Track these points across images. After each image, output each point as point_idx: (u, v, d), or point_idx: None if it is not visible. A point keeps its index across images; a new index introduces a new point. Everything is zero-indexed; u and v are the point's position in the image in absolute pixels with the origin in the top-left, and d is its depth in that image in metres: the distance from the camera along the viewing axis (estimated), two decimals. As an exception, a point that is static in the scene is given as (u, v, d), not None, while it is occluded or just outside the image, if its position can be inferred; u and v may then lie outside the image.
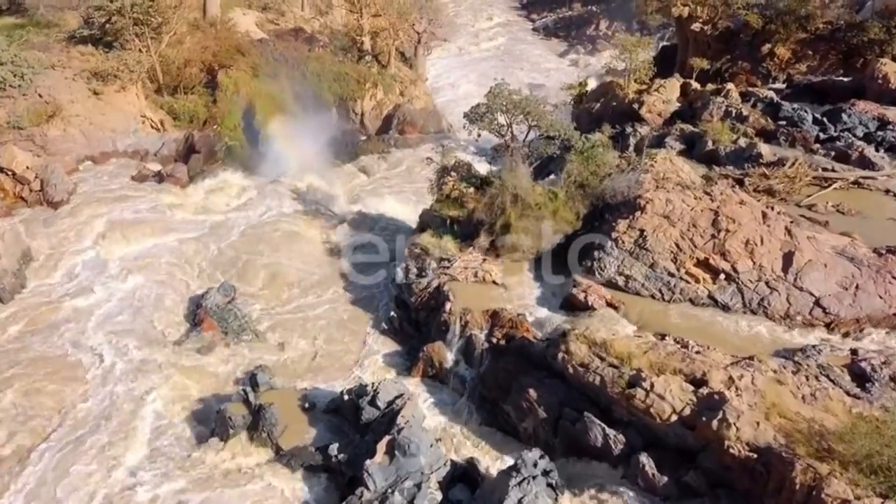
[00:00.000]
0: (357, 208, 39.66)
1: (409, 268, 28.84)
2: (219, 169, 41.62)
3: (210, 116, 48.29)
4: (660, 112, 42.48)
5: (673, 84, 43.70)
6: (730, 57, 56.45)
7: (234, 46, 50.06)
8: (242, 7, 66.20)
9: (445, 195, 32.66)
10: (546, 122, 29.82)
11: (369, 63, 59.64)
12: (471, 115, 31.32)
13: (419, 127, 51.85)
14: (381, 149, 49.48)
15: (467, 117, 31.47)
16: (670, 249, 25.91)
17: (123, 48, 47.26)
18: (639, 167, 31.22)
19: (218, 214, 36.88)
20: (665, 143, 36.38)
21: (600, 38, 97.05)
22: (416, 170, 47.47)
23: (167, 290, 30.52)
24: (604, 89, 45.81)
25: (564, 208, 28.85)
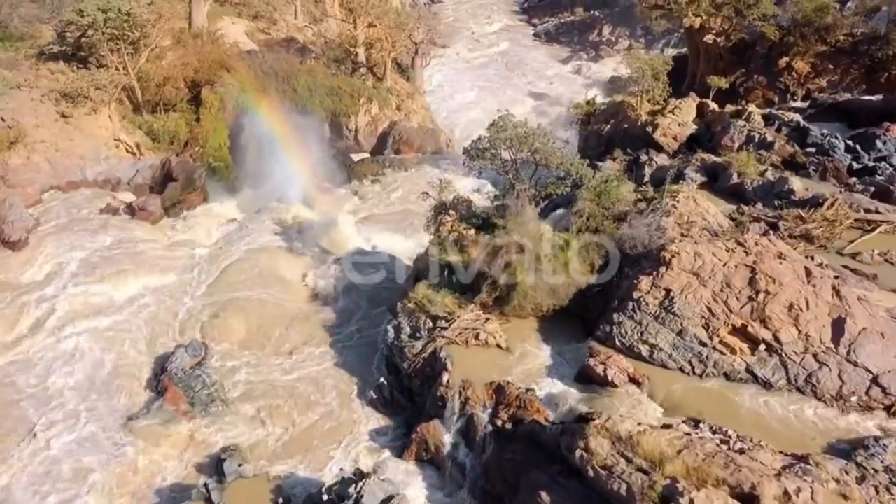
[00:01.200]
0: (348, 241, 35.85)
1: (400, 326, 25.09)
2: (198, 198, 37.72)
3: (192, 137, 44.53)
4: (675, 135, 38.71)
5: (689, 105, 39.90)
6: (744, 70, 52.73)
7: (218, 62, 46.10)
8: (232, 16, 62.33)
9: (443, 237, 28.88)
10: (555, 160, 26.00)
11: (364, 76, 55.88)
12: (471, 151, 27.56)
13: (416, 146, 48.07)
14: (375, 170, 45.70)
15: (467, 153, 27.71)
16: (701, 314, 22.14)
17: (100, 64, 43.47)
18: (659, 208, 27.44)
19: (194, 251, 33.05)
20: (685, 174, 32.55)
21: (603, 45, 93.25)
22: (411, 196, 43.67)
23: (130, 347, 26.80)
24: (614, 109, 41.98)
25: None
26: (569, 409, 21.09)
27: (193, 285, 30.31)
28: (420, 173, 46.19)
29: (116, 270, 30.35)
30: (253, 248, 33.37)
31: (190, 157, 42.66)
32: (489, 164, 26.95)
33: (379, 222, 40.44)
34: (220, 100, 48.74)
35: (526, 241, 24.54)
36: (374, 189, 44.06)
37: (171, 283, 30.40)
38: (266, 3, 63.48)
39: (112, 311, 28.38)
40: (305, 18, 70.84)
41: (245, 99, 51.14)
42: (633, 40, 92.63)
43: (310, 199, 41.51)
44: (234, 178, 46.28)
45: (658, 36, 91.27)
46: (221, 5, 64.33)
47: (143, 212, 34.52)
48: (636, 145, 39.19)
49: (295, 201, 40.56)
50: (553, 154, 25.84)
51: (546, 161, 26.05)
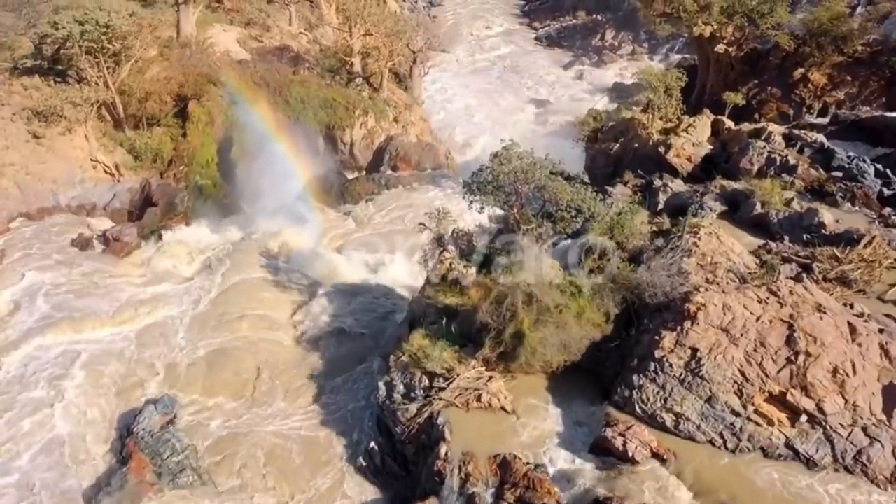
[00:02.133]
0: (340, 272, 33.01)
1: (393, 383, 22.26)
2: (179, 223, 34.81)
3: (177, 154, 41.65)
4: (689, 156, 35.82)
5: (703, 122, 37.01)
6: (757, 82, 49.81)
7: (205, 75, 43.20)
8: (223, 23, 59.37)
9: (441, 276, 26.04)
10: (565, 197, 23.13)
11: (360, 86, 52.99)
12: (472, 185, 24.64)
13: (414, 163, 45.22)
14: (370, 189, 42.84)
15: (467, 188, 24.76)
16: (733, 378, 19.33)
17: (79, 78, 40.59)
18: (678, 246, 24.62)
19: (171, 286, 30.13)
20: (703, 203, 29.67)
21: (606, 50, 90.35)
22: (408, 216, 40.91)
23: (93, 403, 23.93)
24: (623, 126, 39.09)
25: (591, 307, 22.23)
26: (584, 490, 18.30)
27: (167, 329, 27.44)
28: (418, 192, 43.39)
29: (82, 314, 27.44)
30: (235, 283, 30.45)
31: (174, 177, 39.80)
32: (491, 199, 24.05)
33: (374, 247, 37.60)
34: (209, 113, 45.94)
35: (534, 289, 21.67)
36: (368, 210, 41.25)
37: (143, 326, 27.50)
38: (259, 10, 60.50)
39: (75, 360, 25.49)
40: (301, 24, 67.93)
41: (235, 112, 48.37)
42: (636, 45, 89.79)
43: (301, 221, 38.60)
44: (223, 197, 43.51)
45: (662, 41, 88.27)
46: (213, 12, 61.52)
47: (117, 243, 31.62)
48: (647, 166, 36.31)
49: (284, 225, 37.67)
50: (562, 190, 22.94)
51: (555, 198, 23.14)
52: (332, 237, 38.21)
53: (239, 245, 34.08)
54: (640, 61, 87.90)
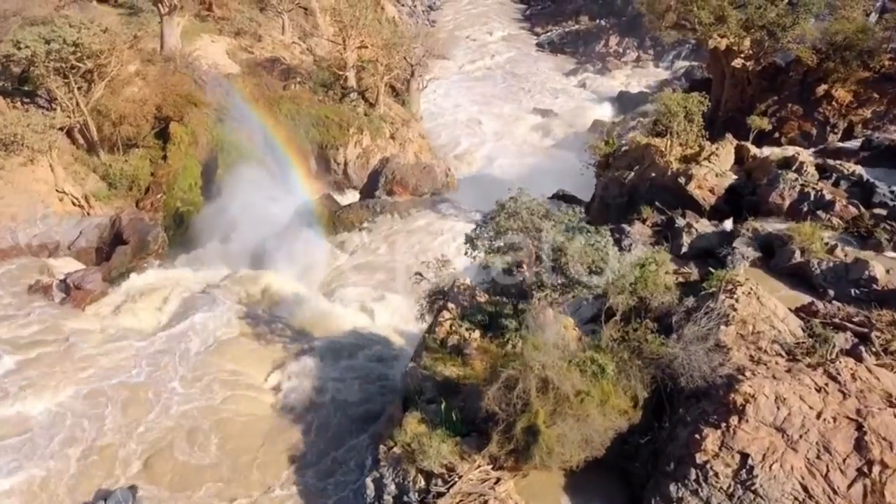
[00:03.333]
0: (328, 320, 29.38)
1: (383, 481, 18.65)
2: (152, 263, 31.11)
3: (156, 181, 37.98)
4: (712, 188, 32.22)
5: (727, 150, 33.38)
6: (777, 98, 46.09)
7: (185, 95, 39.50)
8: (212, 33, 55.56)
9: (440, 341, 22.43)
10: (586, 258, 19.48)
11: (354, 101, 49.31)
12: (474, 240, 20.95)
13: (411, 187, 41.53)
14: (363, 217, 39.16)
15: (470, 242, 21.06)
16: (794, 494, 15.72)
17: (50, 98, 36.95)
18: (713, 310, 20.98)
19: (135, 345, 26.38)
20: (734, 249, 26.03)
21: (610, 56, 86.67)
22: (405, 246, 37.29)
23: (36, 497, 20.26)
24: (638, 153, 35.42)
25: (616, 390, 18.60)
26: None
27: (128, 399, 23.74)
28: (416, 219, 39.74)
29: (28, 382, 23.71)
30: (209, 338, 26.77)
31: (151, 206, 36.21)
32: (498, 260, 20.39)
33: (368, 285, 33.95)
34: (192, 133, 42.37)
35: (549, 373, 18.02)
36: (362, 239, 37.64)
37: (102, 391, 23.79)
38: (249, 19, 56.67)
39: (18, 440, 21.83)
40: (295, 33, 64.14)
41: (221, 131, 44.72)
42: (641, 52, 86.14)
43: (288, 255, 34.98)
44: (206, 224, 39.86)
45: (668, 47, 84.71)
46: (202, 21, 57.72)
47: (79, 291, 27.91)
48: (666, 198, 32.72)
49: (268, 263, 34.07)
50: (583, 253, 19.26)
51: (574, 261, 19.46)
52: (321, 273, 34.45)
53: (216, 289, 30.37)
54: (646, 68, 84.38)
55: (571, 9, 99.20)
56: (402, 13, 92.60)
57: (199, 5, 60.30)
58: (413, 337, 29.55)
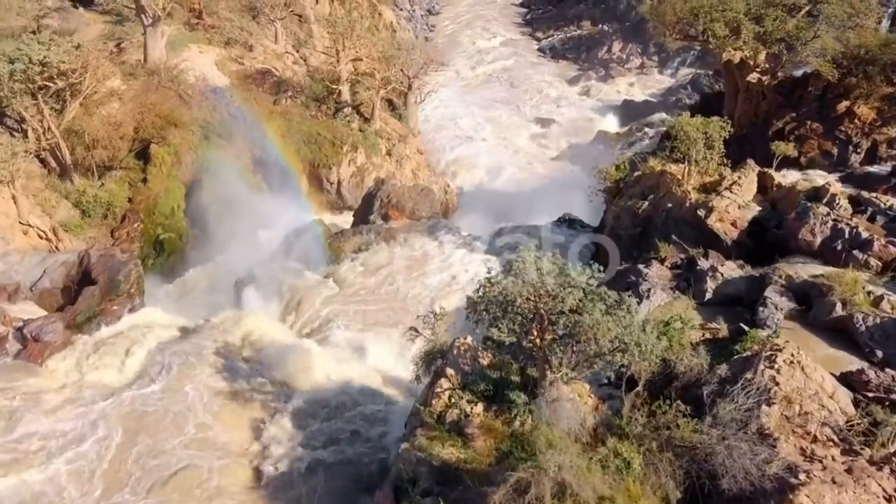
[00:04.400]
0: (314, 370, 26.34)
1: None
2: (123, 306, 28.00)
3: (132, 208, 34.91)
4: (734, 221, 29.16)
5: (749, 178, 30.35)
6: (795, 115, 42.94)
7: (165, 116, 36.40)
8: (201, 43, 52.33)
9: (437, 415, 19.36)
10: (608, 334, 16.38)
11: (348, 116, 46.21)
12: (478, 304, 17.84)
13: (408, 210, 38.49)
14: (356, 245, 36.08)
15: (473, 308, 17.95)
16: None
17: (20, 119, 33.87)
18: (752, 385, 17.95)
19: (101, 401, 23.29)
20: (765, 299, 22.98)
21: (613, 63, 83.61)
22: (401, 278, 34.26)
23: None
24: (652, 180, 32.35)
25: (643, 492, 15.56)
26: None
27: (84, 473, 20.72)
28: (413, 246, 36.69)
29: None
30: (180, 397, 23.65)
31: (126, 237, 33.12)
32: (505, 330, 17.27)
33: (359, 322, 30.95)
34: (175, 153, 39.29)
35: (567, 476, 14.97)
36: (354, 270, 34.58)
37: (53, 472, 20.72)
38: (240, 29, 53.46)
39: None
40: (289, 40, 60.93)
41: (207, 149, 41.64)
42: (645, 58, 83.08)
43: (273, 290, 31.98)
44: (189, 253, 36.83)
45: (672, 54, 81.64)
46: (191, 30, 54.50)
47: (37, 343, 24.75)
48: (684, 231, 29.67)
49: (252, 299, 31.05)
50: (603, 328, 16.15)
51: (594, 335, 16.37)
52: (309, 310, 31.42)
53: (191, 336, 27.27)
54: (650, 75, 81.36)
55: (573, 13, 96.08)
56: (400, 18, 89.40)
57: (188, 13, 57.18)
58: (408, 387, 26.64)
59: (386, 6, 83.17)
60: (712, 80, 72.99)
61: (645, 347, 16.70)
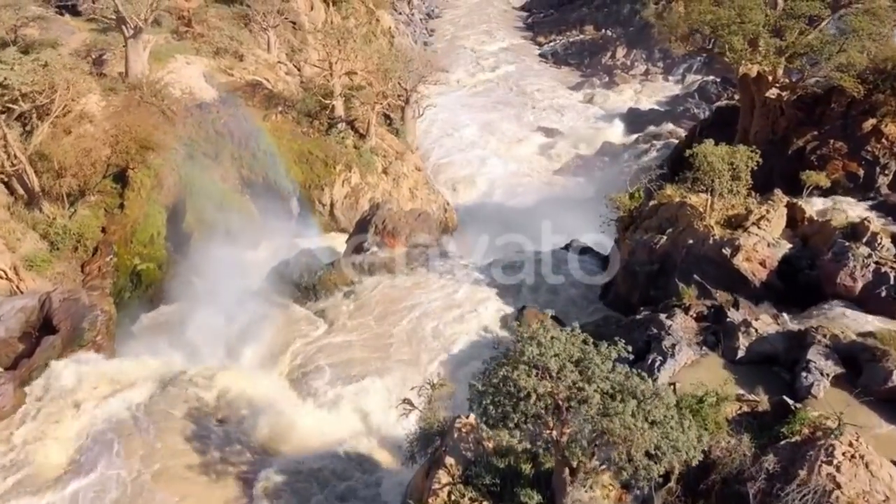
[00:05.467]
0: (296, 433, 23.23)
1: None
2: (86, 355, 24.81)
3: (106, 238, 31.76)
4: (763, 260, 26.03)
5: (778, 212, 27.11)
6: (817, 133, 39.70)
7: (140, 140, 33.22)
8: (188, 53, 48.99)
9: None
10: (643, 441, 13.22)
11: (342, 133, 43.04)
12: (483, 393, 14.69)
13: (405, 236, 35.35)
14: (348, 277, 32.97)
15: (476, 400, 14.80)
16: None
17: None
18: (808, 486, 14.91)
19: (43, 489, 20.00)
20: (808, 364, 19.83)
21: (617, 69, 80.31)
22: (396, 316, 31.16)
23: None
24: (671, 212, 29.18)
25: None
26: None
27: None
28: (409, 278, 33.71)
29: None
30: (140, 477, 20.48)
31: (98, 272, 29.99)
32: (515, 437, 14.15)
33: (350, 368, 27.84)
34: (156, 175, 36.10)
35: None
36: (346, 307, 31.51)
37: None
38: (230, 38, 50.16)
39: None
40: (282, 49, 57.65)
41: (191, 170, 38.48)
42: (650, 64, 79.75)
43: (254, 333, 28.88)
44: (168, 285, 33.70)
45: (678, 60, 78.38)
46: (180, 39, 51.23)
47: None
48: (707, 271, 26.55)
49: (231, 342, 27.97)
50: (637, 435, 12.97)
51: (625, 441, 13.21)
52: (295, 353, 28.31)
53: (160, 396, 24.08)
54: (655, 82, 78.06)
55: (575, 17, 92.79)
56: (398, 23, 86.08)
57: (176, 20, 53.94)
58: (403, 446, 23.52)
59: (384, 11, 79.80)
60: (720, 87, 69.81)
61: (686, 452, 13.54)
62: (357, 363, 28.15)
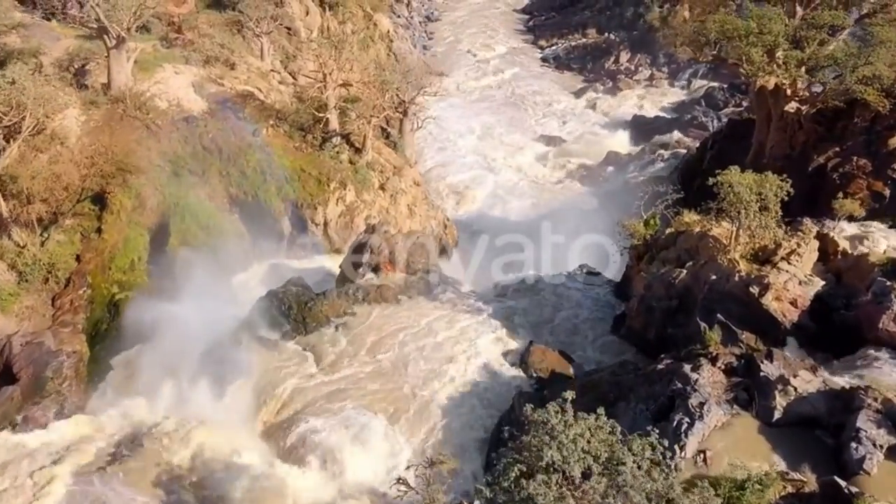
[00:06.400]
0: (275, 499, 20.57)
1: None
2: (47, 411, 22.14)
3: (80, 268, 29.13)
4: (794, 300, 23.35)
5: (811, 247, 24.43)
6: (839, 150, 37.05)
7: (116, 163, 30.58)
8: (177, 62, 46.20)
9: None
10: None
11: (337, 147, 40.41)
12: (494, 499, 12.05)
13: (402, 264, 32.71)
14: (340, 308, 30.32)
15: None
16: None
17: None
18: None
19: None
20: (858, 433, 17.18)
21: (621, 74, 77.55)
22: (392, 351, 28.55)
23: None
24: (690, 243, 26.52)
25: None
26: None
27: None
28: (406, 308, 31.21)
29: None
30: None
31: (70, 306, 27.34)
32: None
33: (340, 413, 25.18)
34: (138, 195, 33.49)
35: None
36: (337, 342, 28.88)
37: None
38: (221, 46, 47.41)
39: None
40: (277, 55, 54.99)
41: (176, 188, 35.87)
42: (654, 69, 77.02)
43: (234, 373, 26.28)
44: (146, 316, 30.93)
45: (683, 65, 75.54)
46: (169, 46, 48.46)
47: (-78, 480, 19.04)
48: (731, 310, 23.92)
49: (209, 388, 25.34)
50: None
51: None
52: (281, 398, 25.70)
53: (127, 458, 21.42)
54: (660, 87, 75.35)
55: (577, 20, 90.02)
56: (397, 26, 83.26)
57: (166, 26, 51.22)
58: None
59: (382, 14, 77.04)
60: (728, 94, 67.12)
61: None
62: (348, 411, 25.49)
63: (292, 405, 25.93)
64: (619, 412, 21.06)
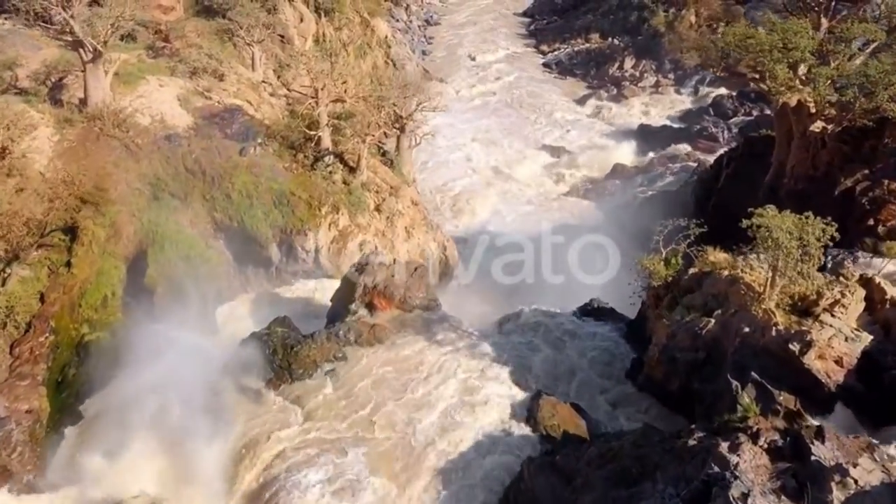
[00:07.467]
0: None
1: None
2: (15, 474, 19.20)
3: (42, 312, 26.08)
4: (839, 358, 20.30)
5: (857, 296, 21.32)
6: (868, 172, 33.95)
7: (83, 195, 27.49)
8: (162, 74, 43.02)
9: None
10: None
11: (330, 166, 37.26)
12: None
13: (398, 299, 29.65)
14: (330, 351, 27.27)
15: None
16: None
17: None
18: None
19: None
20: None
21: (626, 80, 74.47)
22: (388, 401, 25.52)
23: None
24: (718, 288, 23.41)
25: None
26: None
27: None
28: (401, 348, 28.22)
29: None
30: None
31: (30, 355, 24.30)
32: None
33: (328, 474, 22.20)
34: (112, 224, 30.36)
35: None
36: (325, 391, 25.94)
37: None
38: (209, 57, 44.21)
39: None
40: (269, 64, 51.80)
41: (156, 214, 32.82)
42: (660, 76, 73.86)
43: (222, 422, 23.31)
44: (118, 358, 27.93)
45: (690, 71, 72.39)
46: (155, 56, 45.28)
47: None
48: (767, 367, 20.93)
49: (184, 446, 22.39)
50: None
51: None
52: (265, 463, 22.72)
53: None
54: (666, 95, 72.23)
55: (580, 25, 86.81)
56: (395, 31, 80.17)
57: (153, 35, 48.01)
58: None
59: (380, 19, 73.90)
60: (737, 103, 64.00)
61: None
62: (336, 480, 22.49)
63: (274, 468, 22.92)
64: (644, 494, 18.13)
